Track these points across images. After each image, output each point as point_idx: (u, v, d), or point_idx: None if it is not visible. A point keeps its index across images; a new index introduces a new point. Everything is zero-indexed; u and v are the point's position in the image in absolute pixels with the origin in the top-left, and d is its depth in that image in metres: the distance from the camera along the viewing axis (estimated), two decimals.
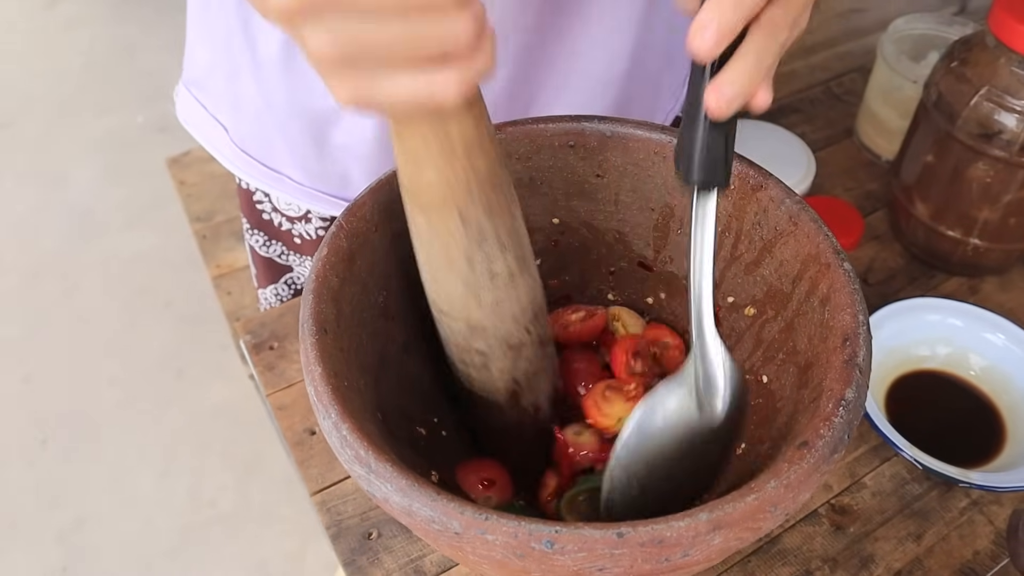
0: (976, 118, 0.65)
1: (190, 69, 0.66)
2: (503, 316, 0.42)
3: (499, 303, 0.42)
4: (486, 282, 0.41)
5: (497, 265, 0.40)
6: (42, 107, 2.37)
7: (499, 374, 0.45)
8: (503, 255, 0.40)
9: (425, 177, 0.37)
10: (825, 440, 0.34)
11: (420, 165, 0.37)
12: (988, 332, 0.65)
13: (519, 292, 0.42)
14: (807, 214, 0.44)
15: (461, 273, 0.40)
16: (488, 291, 0.41)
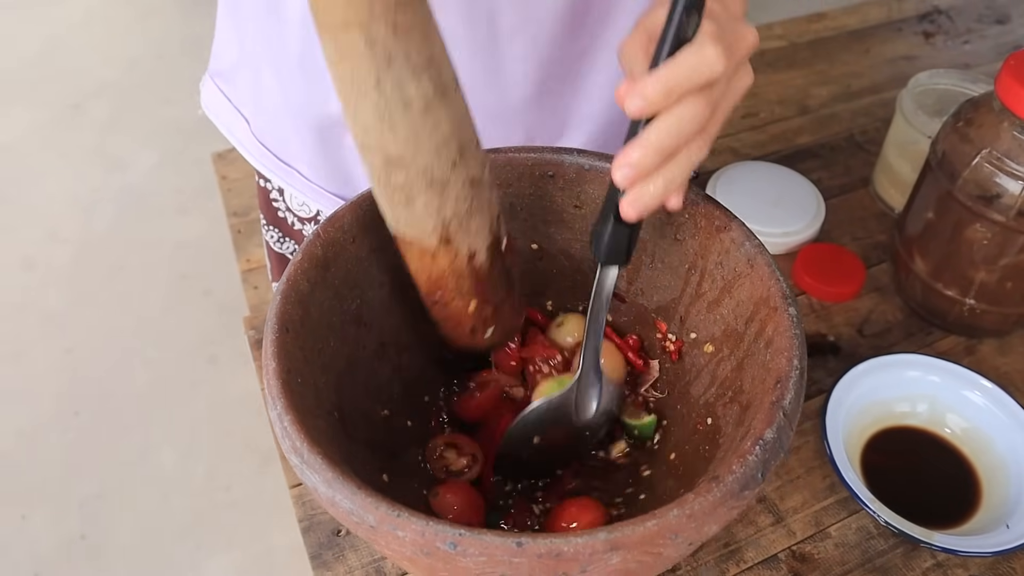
0: (976, 179, 0.65)
1: (217, 61, 0.70)
2: (421, 147, 0.40)
3: (416, 134, 0.40)
4: (398, 110, 0.39)
5: (409, 90, 0.38)
6: (111, 92, 2.47)
7: (425, 212, 0.43)
8: (416, 80, 0.38)
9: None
10: (735, 476, 0.36)
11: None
12: (968, 391, 0.65)
13: (438, 121, 0.40)
14: (763, 257, 0.45)
15: (371, 98, 0.38)
16: (401, 119, 0.39)
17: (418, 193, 0.42)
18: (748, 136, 1.01)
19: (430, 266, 0.46)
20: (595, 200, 0.52)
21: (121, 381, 1.76)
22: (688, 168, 0.41)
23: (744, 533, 0.61)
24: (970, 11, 1.27)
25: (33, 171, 2.24)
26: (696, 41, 0.38)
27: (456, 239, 0.44)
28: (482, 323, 0.49)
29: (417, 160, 0.41)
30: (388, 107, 0.38)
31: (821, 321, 0.76)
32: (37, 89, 2.49)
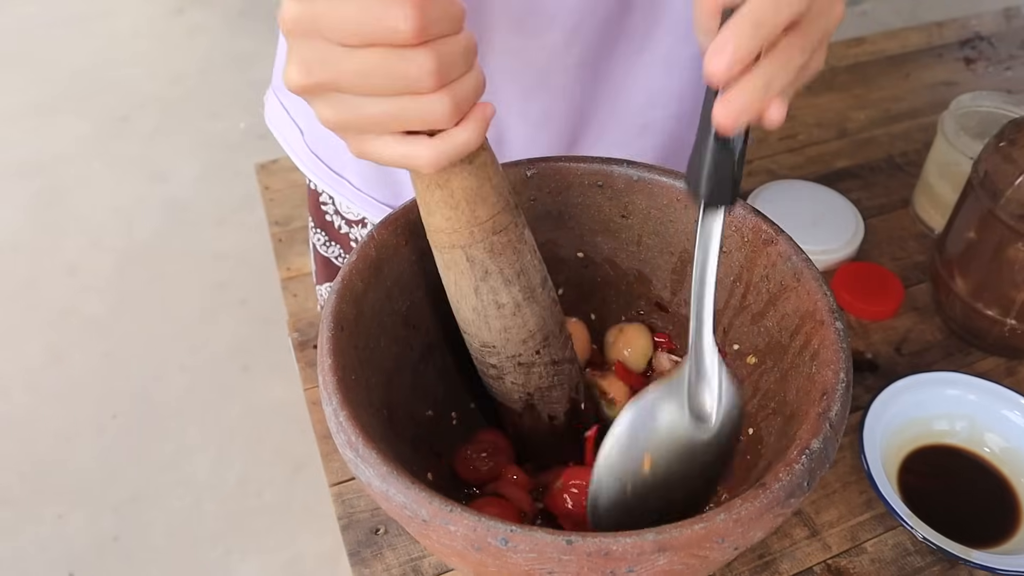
0: (1019, 199, 0.65)
1: (277, 76, 0.72)
2: (511, 339, 0.47)
3: (507, 329, 0.47)
4: (493, 311, 0.46)
5: (502, 297, 0.45)
6: (157, 106, 2.53)
7: (512, 386, 0.50)
8: (507, 289, 0.45)
9: (435, 221, 0.43)
10: (782, 484, 0.36)
11: (430, 211, 0.43)
12: (1008, 411, 0.65)
13: (525, 320, 0.47)
14: (810, 271, 0.46)
15: (470, 302, 0.46)
16: (495, 318, 0.46)
17: (507, 373, 0.49)
18: (786, 158, 1.01)
19: (517, 422, 0.53)
20: (642, 211, 0.53)
21: (158, 387, 1.79)
22: (790, 68, 0.36)
23: (779, 545, 0.61)
24: (1012, 38, 1.27)
25: (80, 180, 2.30)
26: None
27: (538, 407, 0.51)
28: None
29: (507, 348, 0.48)
30: (484, 309, 0.46)
31: (859, 339, 0.76)
32: (86, 101, 2.55)
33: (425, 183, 0.41)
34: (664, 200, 0.52)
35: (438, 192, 0.41)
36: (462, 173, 0.41)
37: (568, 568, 0.34)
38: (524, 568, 0.34)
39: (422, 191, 0.42)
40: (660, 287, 0.55)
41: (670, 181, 0.51)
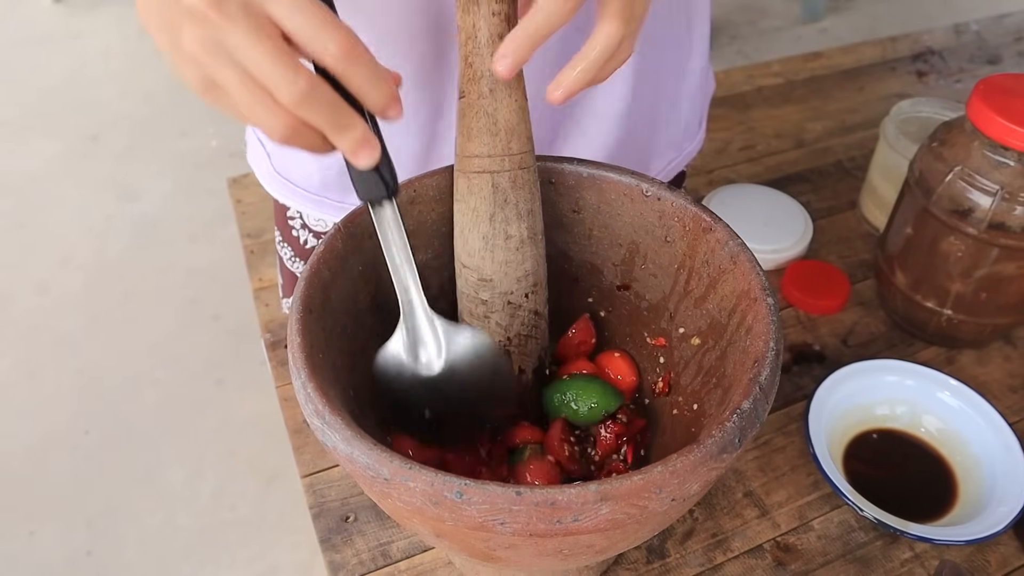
0: (950, 195, 0.69)
1: None
2: (508, 275, 0.51)
3: (507, 263, 0.51)
4: (500, 241, 0.50)
5: (512, 229, 0.50)
6: (128, 124, 2.55)
7: (496, 328, 0.53)
8: (518, 222, 0.50)
9: (472, 147, 0.48)
10: (715, 439, 0.39)
11: (471, 136, 0.47)
12: (943, 394, 0.69)
13: (524, 258, 0.51)
14: (745, 254, 0.49)
15: (482, 229, 0.50)
16: (501, 249, 0.50)
17: (496, 311, 0.53)
18: (745, 168, 1.06)
19: None
20: (592, 205, 0.56)
21: (131, 402, 1.80)
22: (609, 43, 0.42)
23: (731, 524, 0.64)
24: (962, 52, 1.33)
25: (50, 199, 2.30)
26: None
27: (514, 355, 0.55)
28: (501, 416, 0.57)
29: (503, 284, 0.52)
30: (494, 238, 0.50)
31: (808, 332, 0.80)
32: (57, 120, 2.56)
33: (475, 110, 0.46)
34: (612, 195, 0.55)
35: (484, 119, 0.46)
36: (510, 107, 0.46)
37: (518, 518, 0.37)
38: (478, 520, 0.37)
39: (469, 117, 0.47)
40: (610, 277, 0.59)
41: (616, 176, 0.55)
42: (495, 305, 0.53)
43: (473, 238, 0.51)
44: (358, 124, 0.39)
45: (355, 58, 0.37)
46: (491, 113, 0.46)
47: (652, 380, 0.59)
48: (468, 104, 0.47)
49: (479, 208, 0.49)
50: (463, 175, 0.49)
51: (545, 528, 0.37)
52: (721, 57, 2.95)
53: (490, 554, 0.41)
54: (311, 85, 0.36)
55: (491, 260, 0.51)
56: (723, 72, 1.26)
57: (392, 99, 0.40)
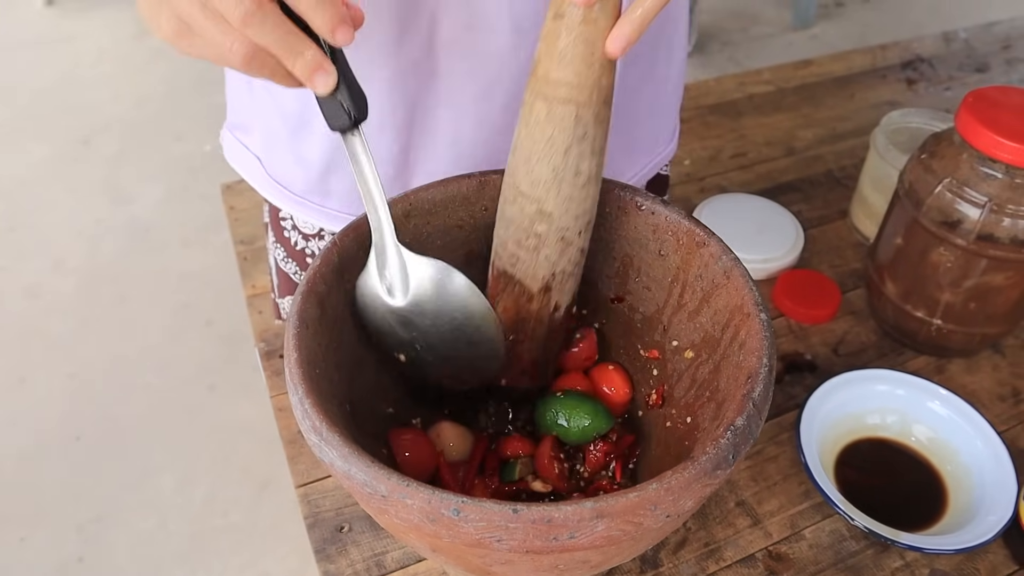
0: (939, 206, 0.70)
1: (232, 115, 0.76)
2: (569, 211, 0.50)
3: (571, 199, 0.49)
4: (570, 176, 0.48)
5: (583, 165, 0.48)
6: (120, 128, 2.54)
7: (544, 261, 0.52)
8: (591, 159, 0.49)
9: (563, 75, 0.46)
10: (709, 456, 0.40)
11: (564, 63, 0.45)
12: (933, 403, 0.70)
13: (586, 196, 0.50)
14: (738, 269, 0.50)
15: (555, 161, 0.48)
16: (568, 184, 0.49)
17: (548, 244, 0.51)
18: (736, 175, 1.06)
19: (523, 306, 0.54)
20: None
21: (122, 407, 1.79)
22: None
23: (723, 534, 0.65)
24: (951, 60, 1.34)
25: (42, 203, 2.29)
26: None
27: (553, 291, 0.53)
28: (531, 368, 0.57)
29: (562, 219, 0.50)
30: (564, 172, 0.48)
31: (799, 341, 0.81)
32: (49, 124, 2.55)
33: (573, 36, 0.44)
34: (606, 208, 0.56)
35: (583, 46, 0.44)
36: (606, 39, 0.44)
37: (515, 535, 0.37)
38: (475, 537, 0.37)
39: (565, 40, 0.45)
40: (604, 289, 0.59)
41: (611, 190, 0.55)
42: (548, 239, 0.51)
43: (542, 168, 0.48)
44: (309, 48, 0.41)
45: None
46: (591, 42, 0.44)
47: (645, 392, 0.59)
48: (567, 27, 0.44)
49: (556, 139, 0.47)
50: (543, 100, 0.47)
51: (542, 545, 0.38)
52: (712, 64, 2.96)
53: (486, 569, 0.41)
54: (257, 4, 0.38)
55: (556, 194, 0.49)
56: (714, 79, 1.27)
57: (339, 21, 0.40)
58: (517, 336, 0.55)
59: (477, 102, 0.64)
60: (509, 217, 0.52)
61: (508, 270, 0.53)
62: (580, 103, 0.46)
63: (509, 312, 0.54)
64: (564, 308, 0.55)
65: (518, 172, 0.50)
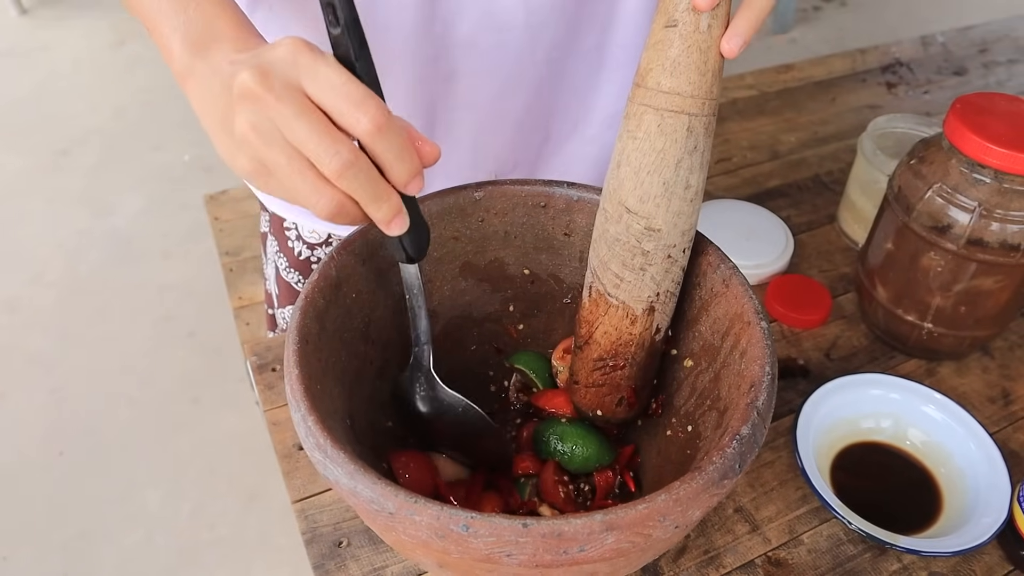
0: (929, 211, 0.71)
1: None
2: (678, 227, 0.48)
3: (680, 214, 0.48)
4: (680, 190, 0.47)
5: (693, 178, 0.47)
6: (99, 139, 2.51)
7: (650, 282, 0.50)
8: (700, 172, 0.47)
9: (676, 83, 0.44)
10: (715, 466, 0.40)
11: (678, 71, 0.44)
12: (926, 407, 0.70)
13: (693, 212, 0.49)
14: (737, 277, 0.50)
15: (665, 175, 0.46)
16: (678, 199, 0.47)
17: (655, 263, 0.49)
18: (722, 180, 1.07)
19: (625, 330, 0.52)
20: (583, 229, 0.57)
21: (105, 421, 1.77)
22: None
23: (723, 541, 0.65)
24: (930, 64, 1.36)
25: (20, 215, 2.26)
26: None
27: (657, 312, 0.52)
28: (631, 396, 0.55)
29: (670, 236, 0.49)
30: (674, 186, 0.47)
31: (791, 346, 0.81)
32: (26, 135, 2.52)
33: (687, 43, 0.43)
34: None
35: (697, 55, 0.44)
36: (718, 49, 0.44)
37: (525, 549, 0.37)
38: (484, 552, 0.37)
39: (678, 49, 0.44)
40: None
41: None
42: (655, 257, 0.49)
43: (652, 182, 0.47)
44: (394, 197, 0.41)
45: (384, 132, 0.39)
46: (704, 50, 0.43)
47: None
48: (680, 35, 0.43)
49: (667, 151, 0.46)
50: (653, 111, 0.45)
51: (552, 559, 0.37)
52: None
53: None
54: (354, 155, 0.38)
55: (666, 209, 0.47)
56: None
57: (414, 175, 0.41)
58: (616, 362, 0.54)
59: (496, 101, 0.65)
60: (614, 236, 0.50)
61: (611, 292, 0.51)
62: (693, 114, 0.45)
63: (610, 337, 0.53)
64: (664, 331, 0.54)
65: (624, 188, 0.48)
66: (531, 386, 0.62)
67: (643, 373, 0.55)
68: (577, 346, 0.55)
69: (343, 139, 0.38)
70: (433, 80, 0.64)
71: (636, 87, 0.46)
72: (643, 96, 0.46)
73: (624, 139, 0.47)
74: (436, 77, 0.64)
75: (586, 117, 0.72)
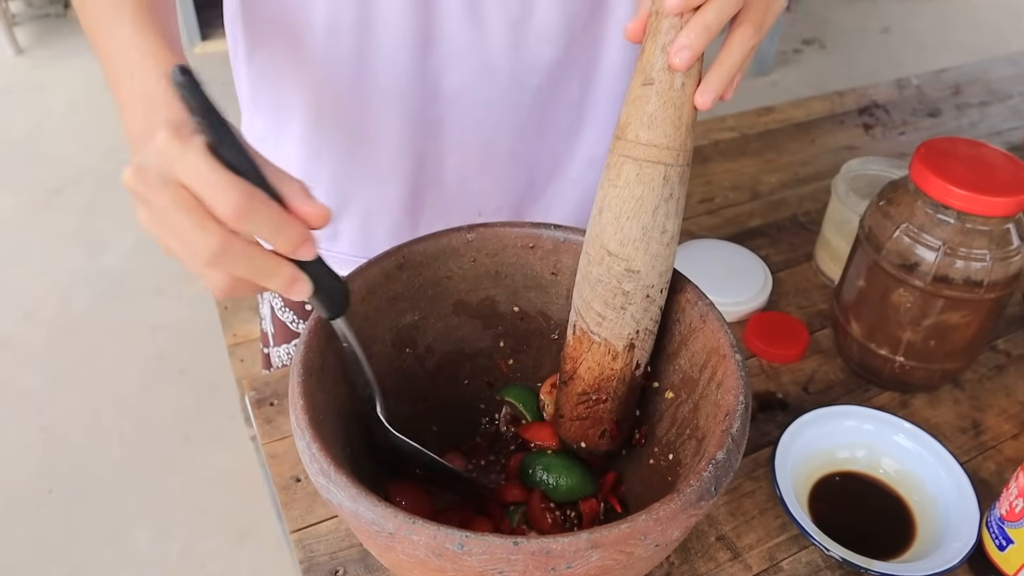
0: (897, 250, 0.75)
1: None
2: (655, 268, 0.52)
3: (657, 256, 0.51)
4: (657, 235, 0.51)
5: (669, 224, 0.51)
6: (92, 179, 2.55)
7: (630, 320, 0.53)
8: (675, 218, 0.51)
9: (653, 136, 0.48)
10: (693, 488, 0.43)
11: (654, 125, 0.48)
12: (898, 437, 0.73)
13: (668, 255, 0.52)
14: (713, 313, 0.53)
15: (643, 220, 0.50)
16: (655, 243, 0.51)
17: (634, 302, 0.53)
18: (705, 219, 1.11)
19: (608, 365, 0.55)
20: (569, 269, 0.60)
21: (96, 459, 1.77)
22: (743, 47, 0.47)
23: (705, 568, 0.67)
24: (905, 105, 1.41)
25: (12, 253, 2.29)
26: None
27: (637, 349, 0.55)
28: (613, 428, 0.58)
29: (648, 277, 0.52)
30: (651, 230, 0.50)
31: (770, 380, 0.85)
32: (20, 174, 2.55)
33: (663, 99, 0.47)
34: None
35: (672, 110, 0.47)
36: (691, 105, 0.47)
37: (516, 567, 0.39)
38: (478, 570, 0.40)
39: (655, 104, 0.47)
40: None
41: None
42: (635, 297, 0.52)
43: (631, 227, 0.50)
44: (283, 268, 0.42)
45: (247, 216, 0.39)
46: (679, 106, 0.47)
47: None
48: (656, 92, 0.47)
49: (645, 198, 0.49)
50: (633, 161, 0.49)
51: (541, 575, 0.40)
52: None
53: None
54: (222, 241, 0.40)
55: (644, 252, 0.51)
56: None
57: (298, 242, 0.42)
58: (599, 396, 0.56)
59: (481, 146, 0.68)
60: (596, 277, 0.53)
61: (593, 330, 0.54)
62: (668, 164, 0.49)
63: (593, 372, 0.56)
64: (643, 366, 0.57)
65: (606, 232, 0.51)
66: (520, 418, 0.64)
67: (624, 407, 0.58)
68: (562, 381, 0.58)
69: (213, 227, 0.39)
70: (422, 125, 0.68)
71: (616, 139, 0.50)
72: (623, 148, 0.49)
73: (605, 187, 0.51)
74: (425, 123, 0.68)
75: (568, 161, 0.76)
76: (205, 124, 0.39)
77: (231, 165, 0.40)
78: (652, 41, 0.47)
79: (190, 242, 0.40)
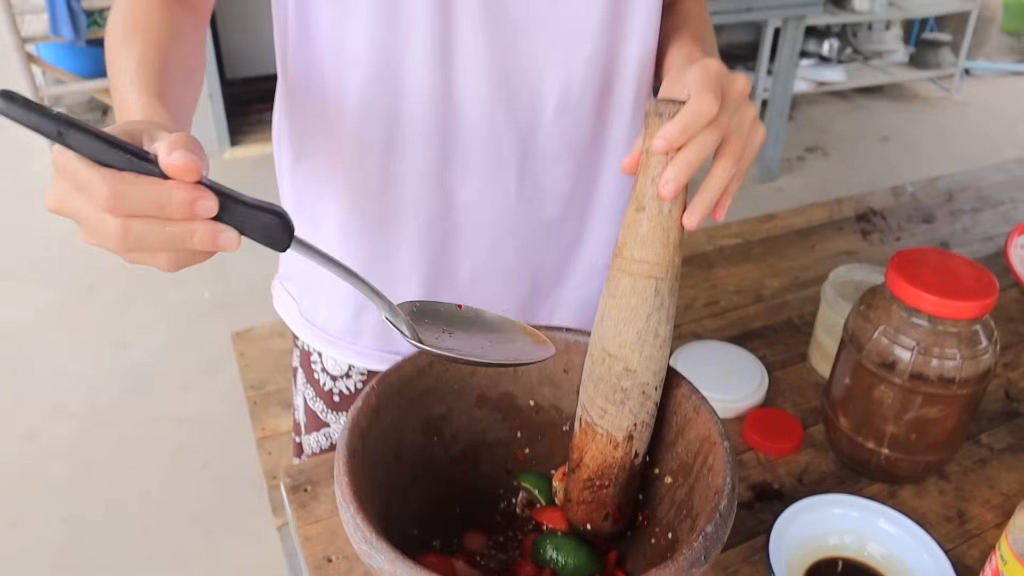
0: (877, 350, 0.82)
1: (283, 268, 0.89)
2: (649, 368, 0.59)
3: (651, 358, 0.59)
4: (651, 338, 0.58)
5: (661, 329, 0.58)
6: (122, 276, 2.66)
7: (628, 413, 0.60)
8: (666, 324, 0.58)
9: (645, 254, 0.56)
10: (685, 557, 0.49)
11: (646, 245, 0.56)
12: (884, 524, 0.79)
13: (662, 356, 0.59)
14: (705, 405, 0.61)
15: (638, 326, 0.58)
16: (649, 345, 0.58)
17: (632, 398, 0.60)
18: (710, 322, 1.18)
19: (609, 454, 0.62)
20: (579, 366, 0.68)
21: (118, 552, 1.81)
22: (723, 176, 0.56)
23: None
24: (901, 212, 1.50)
25: (45, 347, 2.38)
26: (693, 94, 0.53)
27: (635, 439, 0.62)
28: (615, 512, 0.64)
29: (643, 375, 0.59)
30: (646, 335, 0.58)
31: (767, 472, 0.91)
32: (55, 270, 2.68)
33: (654, 223, 0.55)
34: None
35: (660, 232, 0.55)
36: (679, 227, 0.56)
37: None
38: None
39: (647, 227, 0.56)
40: None
41: None
42: (632, 393, 0.59)
43: (628, 332, 0.58)
44: (196, 229, 0.43)
45: (122, 198, 0.41)
46: (667, 229, 0.55)
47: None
48: (648, 217, 0.55)
49: (639, 307, 0.57)
50: (628, 275, 0.57)
51: None
52: None
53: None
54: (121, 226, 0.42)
55: (639, 353, 0.58)
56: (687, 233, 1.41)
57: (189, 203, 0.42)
58: (602, 482, 0.63)
59: (490, 253, 0.77)
60: (598, 376, 0.60)
61: (596, 422, 0.61)
62: (659, 277, 0.57)
63: (596, 460, 0.62)
64: (642, 455, 0.63)
65: (606, 337, 0.59)
66: (535, 502, 0.71)
67: (625, 492, 0.64)
68: (570, 468, 0.65)
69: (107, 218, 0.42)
70: (439, 233, 0.77)
71: (615, 256, 0.58)
72: (620, 264, 0.58)
73: (606, 297, 0.59)
74: (441, 231, 0.77)
75: (570, 268, 0.85)
76: (52, 132, 0.40)
77: (93, 158, 0.41)
78: (644, 174, 0.56)
79: (99, 234, 0.43)
